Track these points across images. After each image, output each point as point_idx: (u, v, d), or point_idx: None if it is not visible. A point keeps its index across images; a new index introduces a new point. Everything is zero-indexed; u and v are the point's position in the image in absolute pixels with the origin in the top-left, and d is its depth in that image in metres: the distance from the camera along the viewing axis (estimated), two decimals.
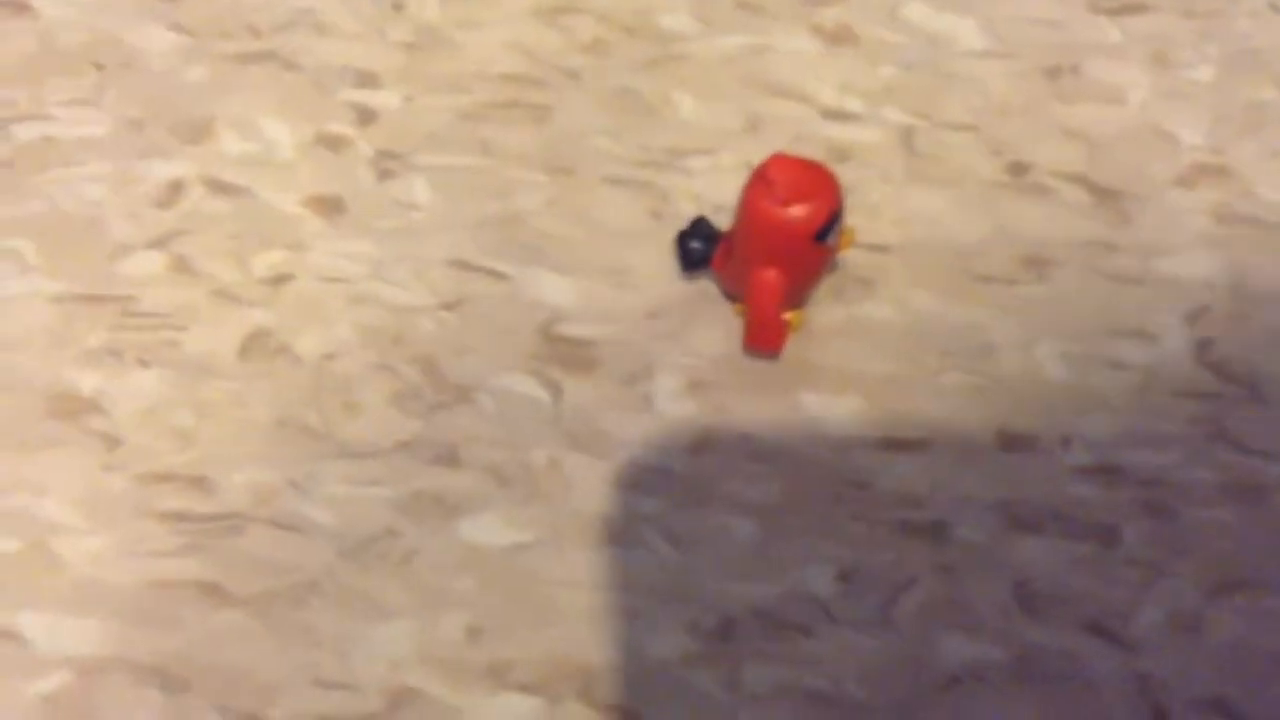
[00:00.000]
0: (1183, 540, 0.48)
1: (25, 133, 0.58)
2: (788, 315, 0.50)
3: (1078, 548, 0.48)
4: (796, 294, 0.50)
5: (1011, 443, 0.50)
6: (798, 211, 0.47)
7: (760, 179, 0.47)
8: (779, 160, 0.47)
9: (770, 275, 0.48)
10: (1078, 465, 0.50)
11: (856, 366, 0.52)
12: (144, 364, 0.52)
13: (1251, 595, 0.47)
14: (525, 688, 0.45)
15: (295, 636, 0.46)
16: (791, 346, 0.53)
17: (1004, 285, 0.54)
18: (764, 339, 0.49)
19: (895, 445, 0.50)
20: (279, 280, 0.54)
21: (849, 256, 0.54)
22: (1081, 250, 0.55)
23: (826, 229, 0.47)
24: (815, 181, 0.47)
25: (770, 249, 0.47)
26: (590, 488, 0.50)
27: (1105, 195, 0.56)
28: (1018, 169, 0.57)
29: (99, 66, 0.60)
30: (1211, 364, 0.52)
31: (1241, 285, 0.54)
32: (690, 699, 0.45)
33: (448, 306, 0.54)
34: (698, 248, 0.52)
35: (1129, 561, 0.48)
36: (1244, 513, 0.49)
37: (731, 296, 0.53)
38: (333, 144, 0.58)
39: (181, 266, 0.54)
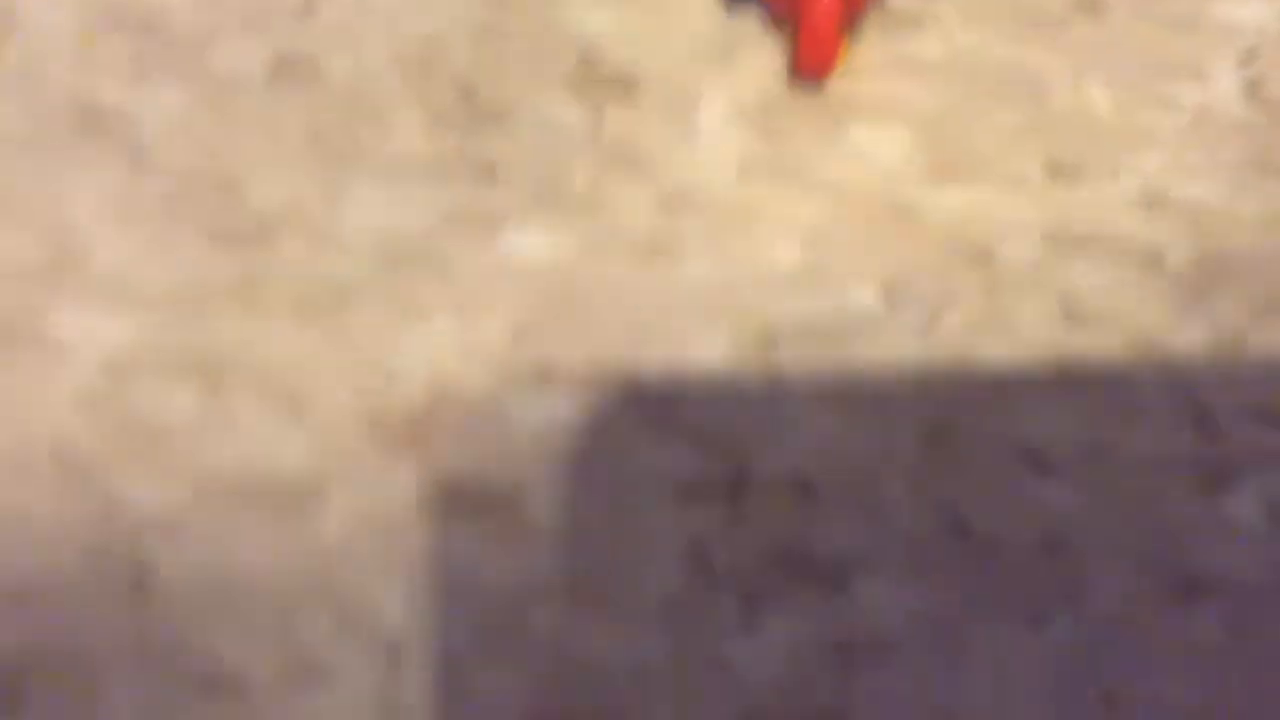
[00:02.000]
0: (1227, 265, 0.52)
1: None
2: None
3: (1123, 270, 0.52)
4: (851, 12, 0.53)
5: (1060, 173, 0.54)
6: None
7: None
8: None
9: None
10: (1125, 196, 0.54)
11: (905, 101, 0.56)
12: (168, 79, 0.55)
13: None
14: (568, 383, 0.49)
15: (335, 336, 0.50)
16: (836, 80, 0.56)
17: (1056, 26, 0.58)
18: (816, 60, 0.53)
19: (944, 175, 0.54)
20: (307, 11, 0.57)
21: None
22: None
23: None
24: None
25: None
26: (633, 207, 0.53)
27: None
28: None
29: None
30: (1263, 101, 0.56)
31: None
32: (731, 397, 0.49)
33: (481, 31, 0.57)
34: None
35: (1173, 283, 0.52)
36: None
37: (779, 23, 0.56)
38: None
39: None
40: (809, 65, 0.54)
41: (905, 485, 0.48)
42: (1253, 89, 0.57)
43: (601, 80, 0.57)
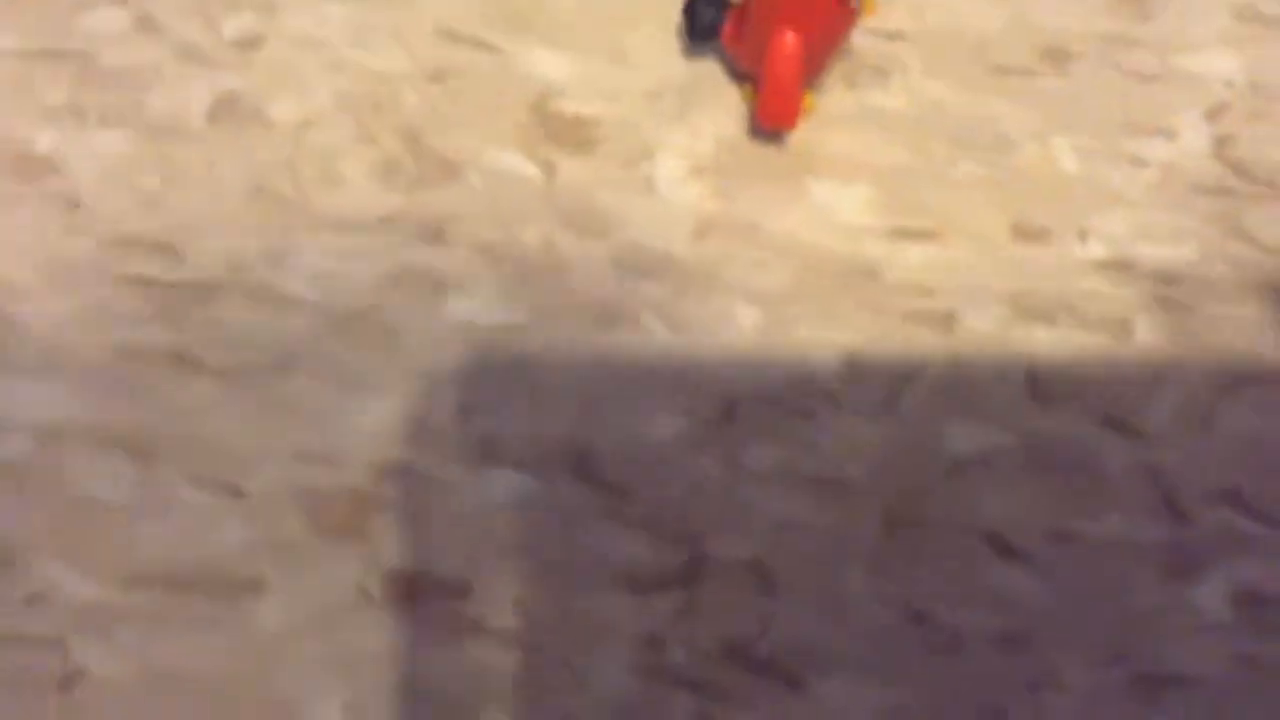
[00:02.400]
0: (1196, 335, 0.49)
1: None
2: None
3: (1091, 340, 0.49)
4: (815, 64, 0.49)
5: (1025, 235, 0.51)
6: None
7: None
8: None
9: (790, 37, 0.47)
10: (1092, 259, 0.50)
11: (867, 155, 0.52)
12: (106, 124, 0.51)
13: (1263, 389, 0.48)
14: (519, 464, 0.46)
15: (273, 409, 0.46)
16: (799, 133, 0.52)
17: (1021, 77, 0.54)
18: (780, 110, 0.49)
19: (905, 235, 0.51)
20: (250, 44, 0.53)
21: (861, 44, 0.54)
22: (1101, 44, 0.55)
23: None
24: None
25: (791, 7, 0.47)
26: (586, 269, 0.50)
27: None
28: None
29: None
30: (1230, 160, 0.53)
31: (1262, 83, 0.55)
32: (687, 478, 0.46)
33: (433, 78, 0.53)
34: (708, 13, 0.51)
35: (1142, 355, 0.49)
36: (1258, 308, 0.50)
37: (741, 76, 0.52)
38: None
39: (146, 25, 0.53)
40: (771, 118, 0.50)
41: (865, 573, 0.44)
42: (1221, 146, 0.54)
43: (556, 131, 0.53)
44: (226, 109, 0.51)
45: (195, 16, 0.53)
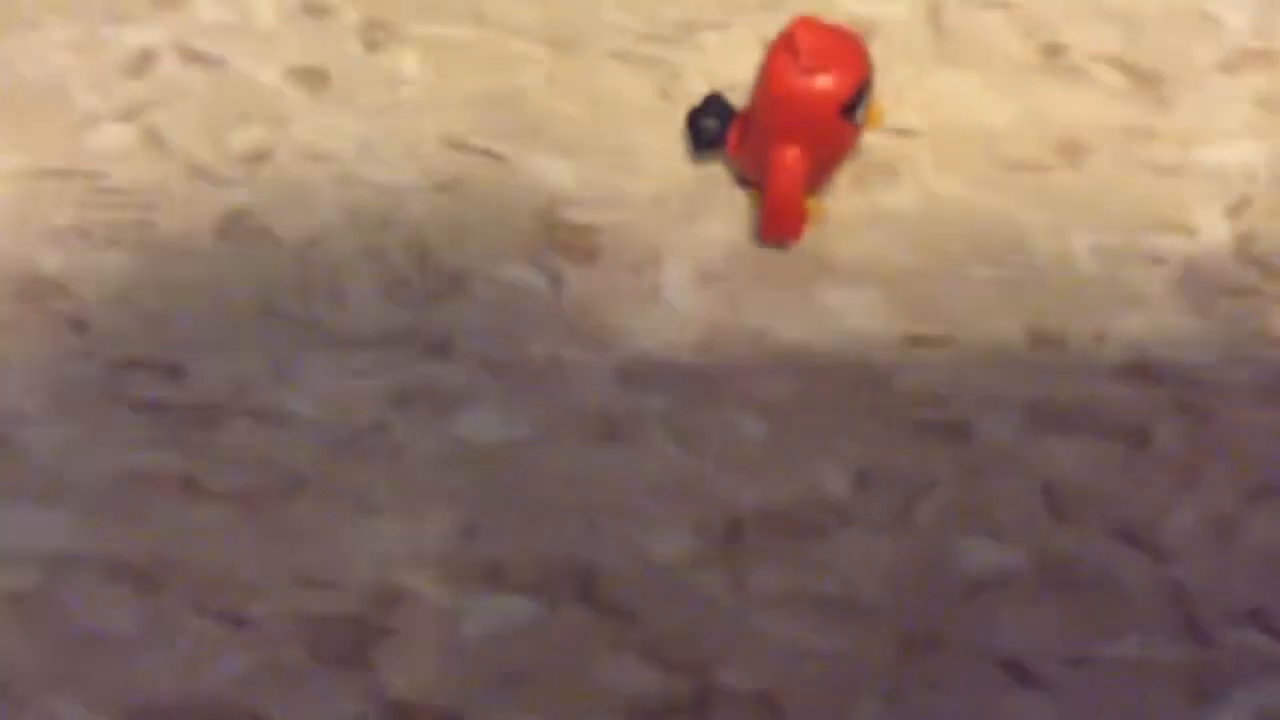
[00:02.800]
0: (1218, 442, 0.46)
1: None
2: (808, 202, 0.48)
3: (1108, 449, 0.46)
4: (819, 176, 0.47)
5: (1041, 339, 0.48)
6: (824, 82, 0.44)
7: (784, 45, 0.44)
8: (805, 24, 0.44)
9: (792, 153, 0.45)
10: (1110, 363, 0.48)
11: (877, 258, 0.50)
12: (114, 244, 0.49)
13: None
14: (522, 588, 0.44)
15: (278, 533, 0.45)
16: (808, 237, 0.50)
17: (1035, 173, 0.51)
18: (783, 224, 0.47)
19: (917, 341, 0.48)
20: (258, 158, 0.51)
21: (871, 141, 0.52)
22: (1117, 137, 0.52)
23: (854, 102, 0.45)
24: (843, 49, 0.44)
25: (793, 123, 0.45)
26: (592, 382, 0.48)
27: (1143, 79, 0.54)
28: (1052, 50, 0.54)
29: None
30: (1253, 259, 0.50)
31: None
32: (694, 602, 0.44)
33: (440, 189, 0.51)
34: (711, 125, 0.49)
35: (1162, 464, 0.46)
36: None
37: (746, 182, 0.50)
38: (316, 11, 0.55)
39: (153, 141, 0.52)
40: (775, 230, 0.48)
41: (881, 704, 0.42)
42: (1244, 243, 0.51)
43: (563, 239, 0.51)
44: (234, 226, 0.50)
45: (203, 131, 0.51)
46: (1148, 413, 0.47)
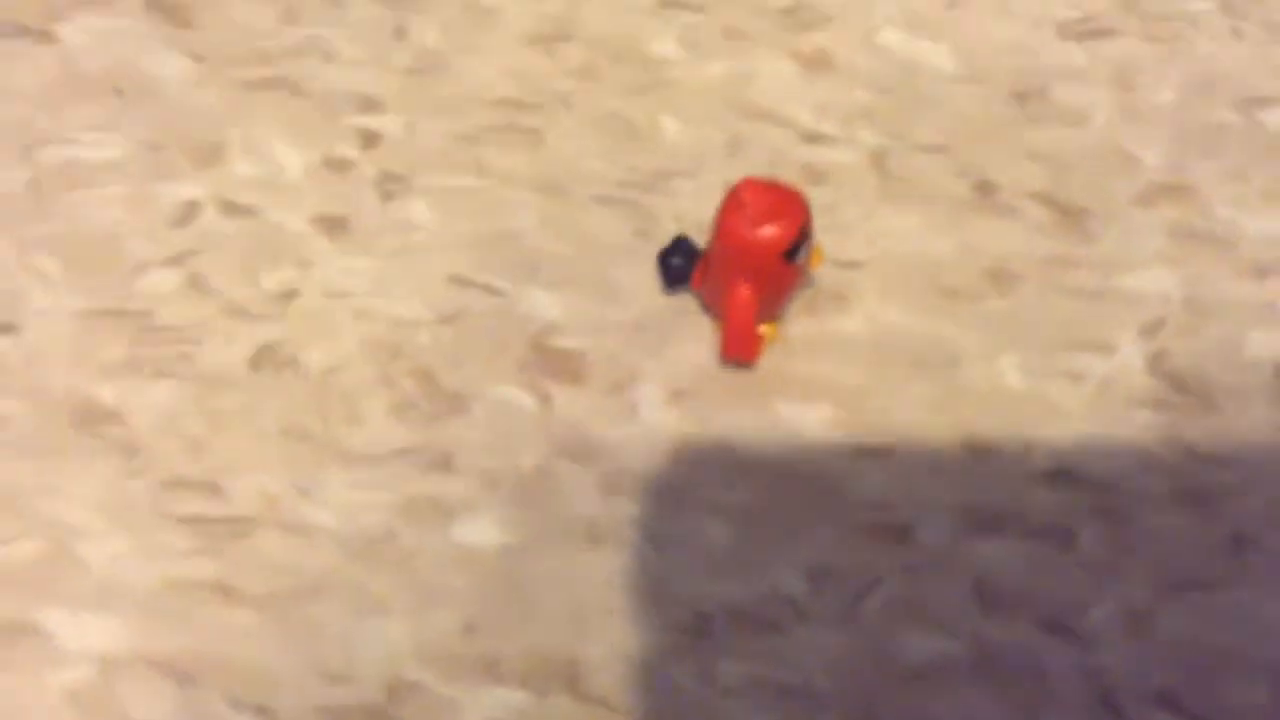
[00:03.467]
0: (1135, 543, 0.50)
1: (49, 156, 0.60)
2: (763, 328, 0.52)
3: (1035, 549, 0.49)
4: (770, 308, 0.51)
5: (974, 449, 0.52)
6: (768, 231, 0.48)
7: (733, 201, 0.49)
8: (750, 183, 0.49)
9: (744, 291, 0.49)
10: (1037, 470, 0.51)
11: (829, 377, 0.54)
12: (161, 376, 0.54)
13: (1201, 594, 0.48)
14: (515, 680, 0.47)
15: (301, 633, 0.48)
16: (767, 358, 0.54)
17: (970, 300, 0.55)
18: (739, 350, 0.51)
19: (865, 452, 0.52)
20: (287, 296, 0.56)
21: (822, 272, 0.56)
22: (1044, 266, 0.56)
23: (795, 247, 0.49)
24: (784, 203, 0.49)
25: (743, 267, 0.49)
26: (577, 492, 0.51)
27: (1068, 213, 0.58)
28: (985, 188, 0.58)
29: (119, 92, 0.62)
30: (1166, 375, 0.53)
31: (1195, 299, 0.55)
32: (667, 691, 0.47)
33: (445, 320, 0.55)
34: (678, 265, 0.54)
35: (1084, 562, 0.49)
36: (1194, 517, 0.50)
37: (712, 310, 0.54)
38: (338, 166, 0.60)
39: (196, 283, 0.56)
40: (733, 355, 0.52)
41: None
42: (1157, 361, 0.54)
43: (552, 364, 0.55)
44: (266, 358, 0.54)
45: (239, 273, 0.56)
46: (1071, 516, 0.50)
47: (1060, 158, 0.59)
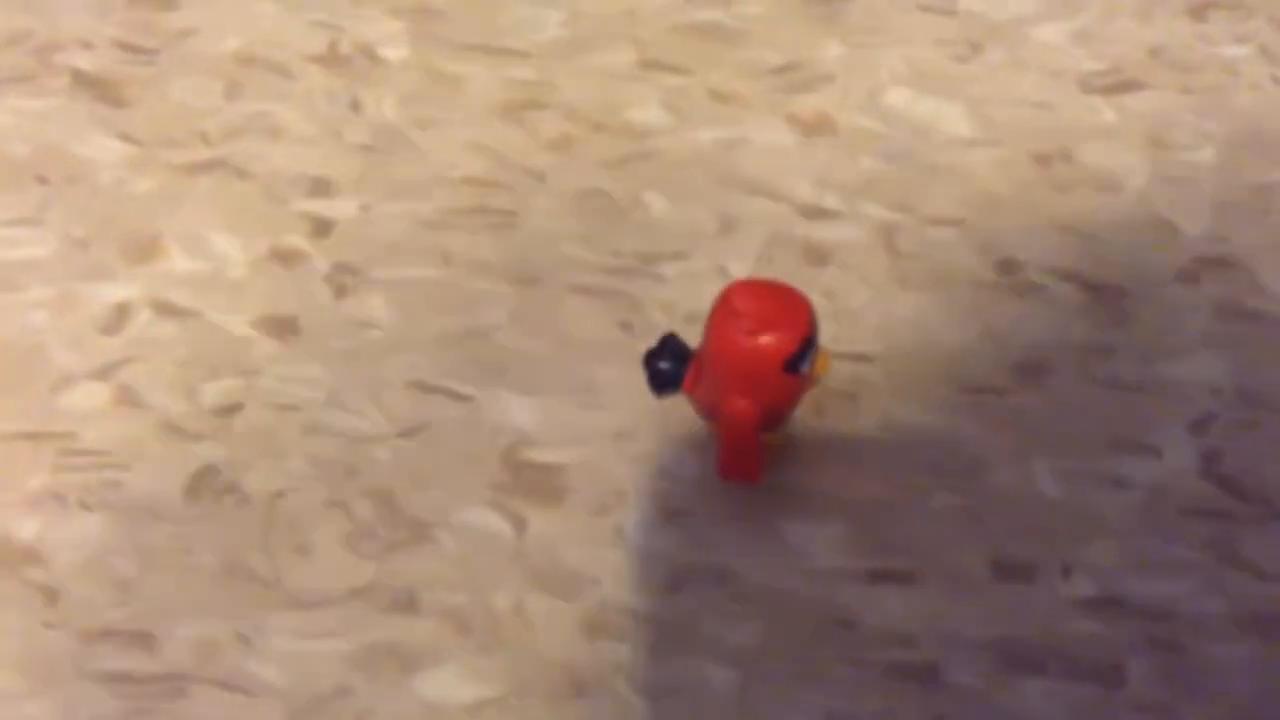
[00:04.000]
0: (1194, 679, 0.44)
1: None
2: (765, 439, 0.47)
3: (1081, 691, 0.44)
4: (772, 422, 0.46)
5: (1007, 572, 0.46)
6: (766, 341, 0.43)
7: (725, 306, 0.43)
8: (744, 286, 0.43)
9: (742, 405, 0.44)
10: (1079, 597, 0.45)
11: (840, 490, 0.48)
12: (86, 508, 0.48)
13: None
14: None
15: None
16: (771, 469, 0.48)
17: (994, 395, 0.50)
18: (739, 470, 0.45)
19: (882, 576, 0.46)
20: (228, 410, 0.50)
21: (830, 367, 0.50)
22: (1077, 354, 0.50)
23: (798, 358, 0.43)
24: (784, 306, 0.43)
25: (740, 379, 0.43)
26: (557, 633, 0.46)
27: (1101, 293, 0.52)
28: (1007, 266, 0.53)
29: (43, 181, 0.56)
30: (1221, 478, 0.47)
31: (1250, 388, 0.49)
32: None
33: (405, 434, 0.50)
34: (667, 369, 0.48)
35: (1136, 705, 0.43)
36: (1260, 646, 0.44)
37: (707, 417, 0.49)
38: (286, 259, 0.54)
39: (126, 398, 0.51)
40: (732, 475, 0.47)
41: None
42: (1210, 462, 0.49)
43: (527, 481, 0.49)
44: (204, 483, 0.48)
45: (175, 385, 0.51)
46: (1120, 649, 0.44)
47: (1090, 229, 0.54)
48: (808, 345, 0.43)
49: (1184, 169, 0.55)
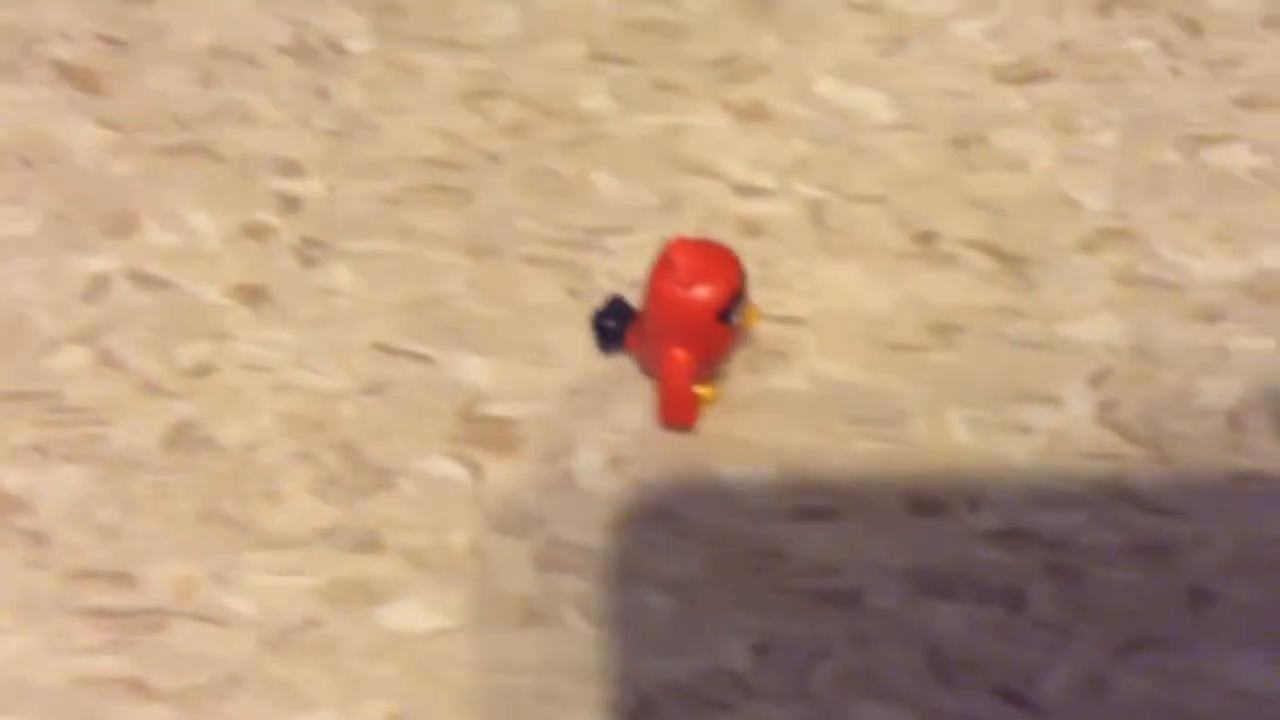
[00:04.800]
0: (1089, 601, 0.48)
1: None
2: (701, 389, 0.51)
3: (987, 612, 0.48)
4: (707, 370, 0.50)
5: (921, 508, 0.51)
6: (701, 293, 0.47)
7: (664, 262, 0.48)
8: (681, 244, 0.48)
9: (679, 354, 0.48)
10: (985, 529, 0.50)
11: (771, 437, 0.52)
12: (70, 460, 0.52)
13: (1157, 654, 0.47)
14: None
15: None
16: (707, 419, 0.53)
17: (913, 353, 0.54)
18: (677, 414, 0.50)
19: (810, 514, 0.51)
20: (202, 371, 0.54)
21: (762, 329, 0.55)
22: (988, 316, 0.55)
23: (729, 308, 0.48)
24: (717, 262, 0.47)
25: (677, 329, 0.48)
26: (511, 569, 0.50)
27: (1010, 262, 0.57)
28: (925, 238, 0.58)
29: (27, 164, 0.60)
30: (1115, 425, 0.52)
31: (1143, 346, 0.54)
32: None
33: (369, 391, 0.54)
34: (612, 327, 0.52)
35: (1037, 624, 0.48)
36: (1149, 572, 0.49)
37: (648, 372, 0.53)
38: (257, 233, 0.58)
39: (107, 360, 0.54)
40: (670, 420, 0.51)
41: None
42: (1105, 411, 0.54)
43: (483, 433, 0.53)
44: (180, 437, 0.52)
45: (152, 349, 0.54)
46: (1022, 575, 0.49)
47: (1001, 205, 0.59)
48: (738, 297, 0.48)
49: (1087, 150, 0.60)
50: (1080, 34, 0.65)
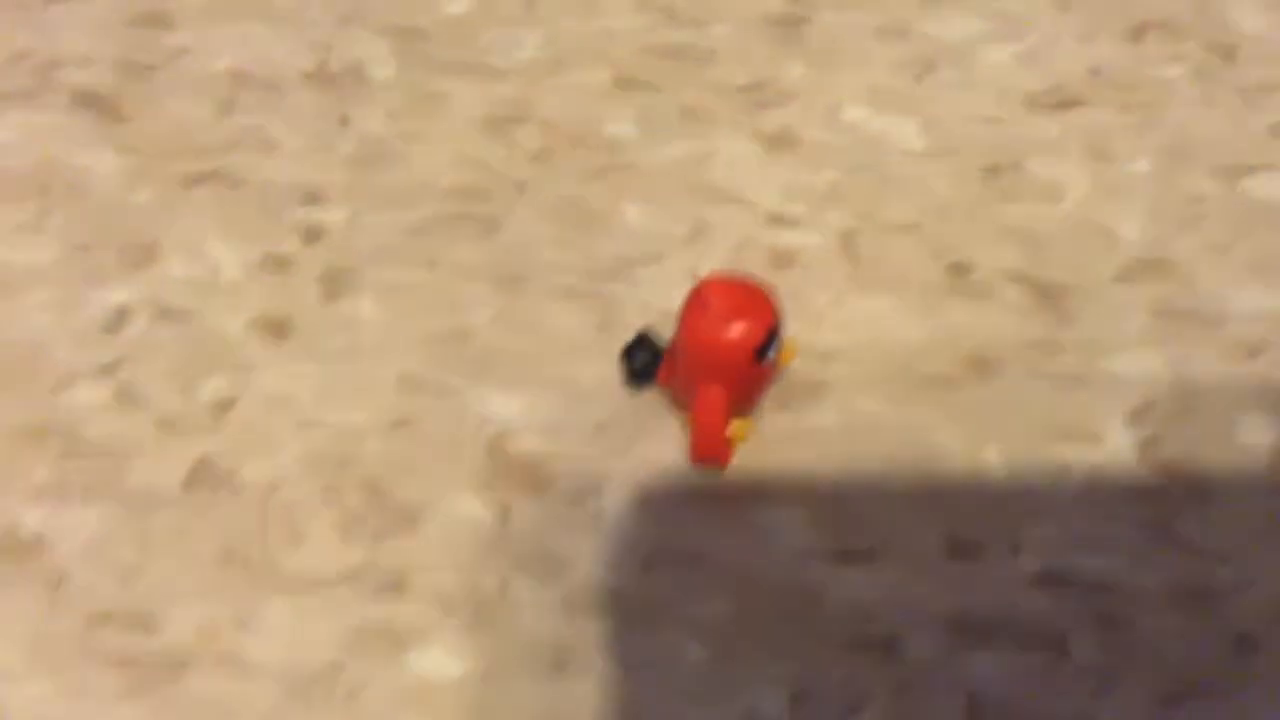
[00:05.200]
0: (1132, 648, 0.47)
1: None
2: (733, 425, 0.49)
3: (1029, 659, 0.47)
4: (741, 406, 0.49)
5: (960, 550, 0.49)
6: (735, 332, 0.46)
7: (697, 300, 0.46)
8: (715, 282, 0.46)
9: (713, 392, 0.46)
10: (1026, 572, 0.48)
11: (804, 475, 0.51)
12: (88, 499, 0.50)
13: (1202, 703, 0.46)
14: None
15: None
16: (740, 457, 0.51)
17: (948, 388, 0.53)
18: (709, 453, 0.48)
19: (845, 557, 0.49)
20: (224, 406, 0.53)
21: (794, 363, 0.53)
22: (1024, 350, 0.54)
23: (765, 347, 0.46)
24: (751, 301, 0.46)
25: (711, 368, 0.46)
26: (539, 612, 0.48)
27: (1046, 294, 0.55)
28: (959, 269, 0.56)
29: (44, 191, 0.59)
30: (1157, 463, 0.51)
31: (1184, 380, 0.53)
32: None
33: (394, 426, 0.52)
34: (642, 362, 0.51)
35: (1080, 671, 0.46)
36: (1193, 617, 0.47)
37: (680, 405, 0.52)
38: (279, 264, 0.57)
39: (126, 395, 0.53)
40: (702, 457, 0.49)
41: None
42: (1146, 448, 0.52)
43: (510, 471, 0.52)
44: (201, 475, 0.51)
45: (174, 382, 0.53)
46: (1064, 620, 0.47)
47: (1036, 235, 0.57)
48: (773, 335, 0.46)
49: (1122, 179, 0.59)
50: (1112, 60, 0.63)
